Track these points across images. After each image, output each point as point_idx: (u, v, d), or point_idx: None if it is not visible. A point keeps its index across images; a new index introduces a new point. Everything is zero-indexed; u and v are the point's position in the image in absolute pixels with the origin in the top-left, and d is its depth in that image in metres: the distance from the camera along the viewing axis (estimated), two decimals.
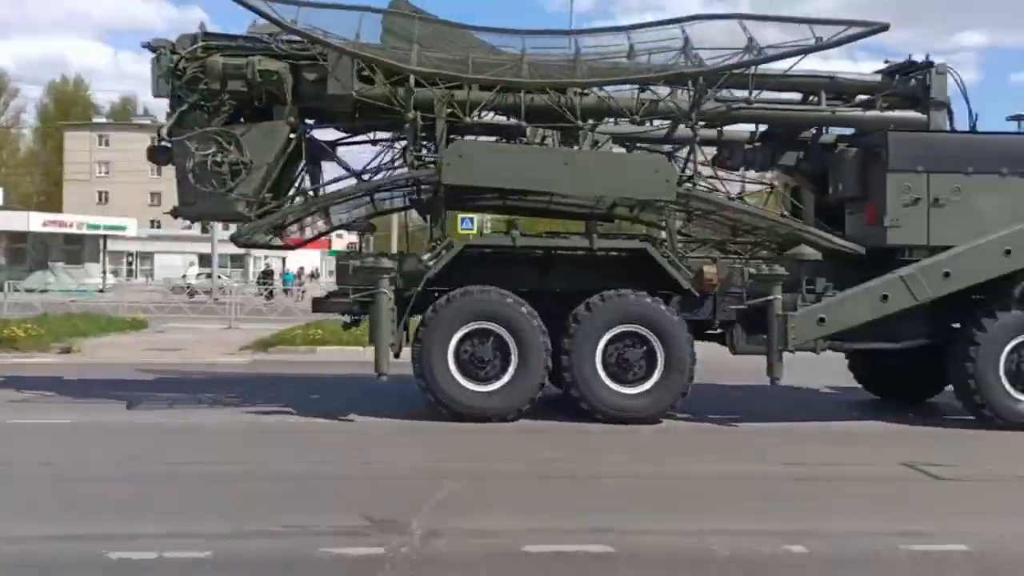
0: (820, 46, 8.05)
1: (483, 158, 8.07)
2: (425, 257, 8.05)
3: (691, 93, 8.32)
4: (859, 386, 10.19)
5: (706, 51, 8.32)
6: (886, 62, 9.22)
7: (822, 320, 8.07)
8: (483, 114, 8.67)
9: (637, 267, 8.26)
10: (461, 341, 7.93)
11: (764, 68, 8.46)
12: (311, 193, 9.10)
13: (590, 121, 8.49)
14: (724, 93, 8.63)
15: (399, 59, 7.97)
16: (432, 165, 8.22)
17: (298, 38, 8.19)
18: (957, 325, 8.49)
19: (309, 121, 8.96)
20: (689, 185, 8.20)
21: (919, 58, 8.93)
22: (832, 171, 8.89)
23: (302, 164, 9.09)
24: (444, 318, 7.91)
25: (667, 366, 8.00)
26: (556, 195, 8.72)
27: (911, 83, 8.96)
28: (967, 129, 9.05)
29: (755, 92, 8.45)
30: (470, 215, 14.45)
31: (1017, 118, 9.95)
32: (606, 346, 8.01)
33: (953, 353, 8.37)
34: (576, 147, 8.50)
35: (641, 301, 8.02)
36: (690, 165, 8.51)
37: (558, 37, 8.75)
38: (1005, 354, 8.13)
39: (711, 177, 8.48)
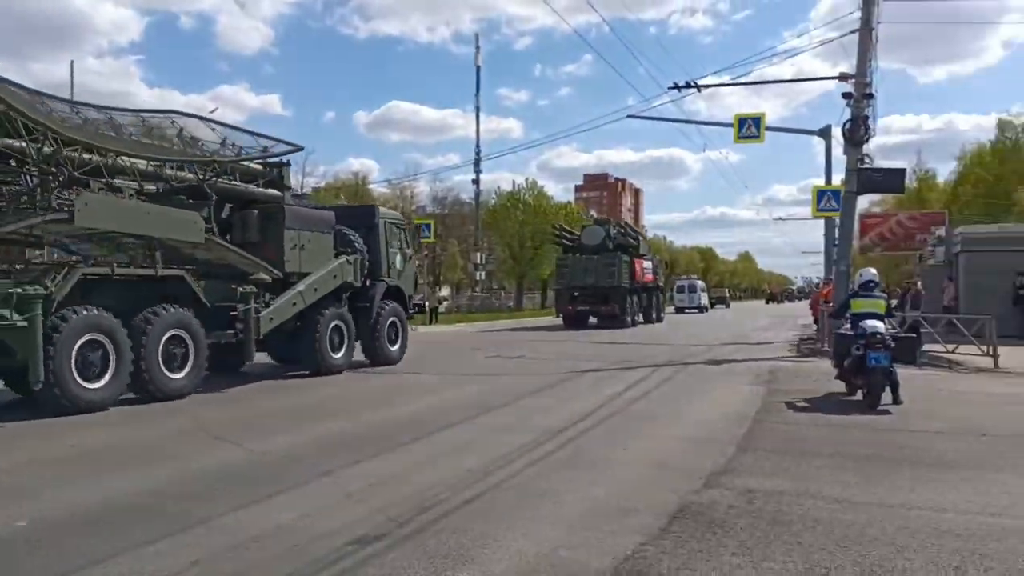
0: (265, 156, 13.23)
1: (104, 207, 10.12)
2: (47, 282, 9.57)
3: (203, 169, 12.20)
4: None
5: (201, 140, 12.33)
6: (266, 158, 14.70)
7: (272, 319, 13.20)
8: None
9: (176, 288, 11.62)
10: (79, 350, 9.90)
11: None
12: None
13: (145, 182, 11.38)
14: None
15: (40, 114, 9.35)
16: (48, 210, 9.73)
17: None
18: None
19: None
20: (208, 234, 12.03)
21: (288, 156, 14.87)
22: (238, 224, 13.88)
23: None
24: (69, 331, 9.72)
25: (196, 358, 11.77)
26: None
27: (272, 172, 14.74)
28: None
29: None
30: None
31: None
32: (163, 345, 11.21)
33: (306, 333, 14.61)
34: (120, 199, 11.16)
35: (184, 313, 11.54)
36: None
37: (92, 110, 11.11)
38: (329, 329, 14.86)
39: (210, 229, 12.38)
